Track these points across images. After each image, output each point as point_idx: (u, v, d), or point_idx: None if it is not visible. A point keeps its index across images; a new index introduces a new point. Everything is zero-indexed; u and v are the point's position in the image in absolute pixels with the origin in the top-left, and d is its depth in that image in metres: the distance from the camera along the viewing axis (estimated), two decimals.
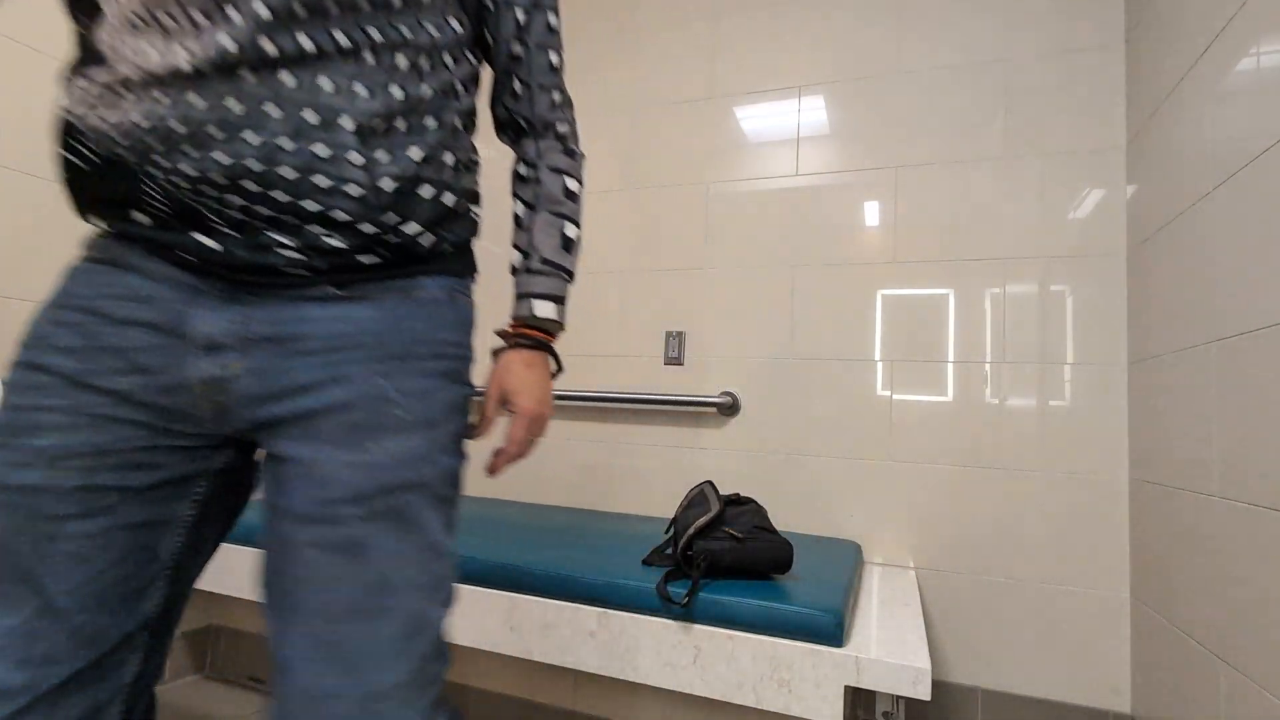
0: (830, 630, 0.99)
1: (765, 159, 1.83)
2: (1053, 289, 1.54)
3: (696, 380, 1.83)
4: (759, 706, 1.00)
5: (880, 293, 1.68)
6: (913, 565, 1.58)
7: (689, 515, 1.19)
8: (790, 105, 1.82)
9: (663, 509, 1.82)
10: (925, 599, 1.57)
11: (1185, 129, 1.21)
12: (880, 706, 1.07)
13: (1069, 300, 1.53)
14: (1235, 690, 0.99)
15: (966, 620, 1.53)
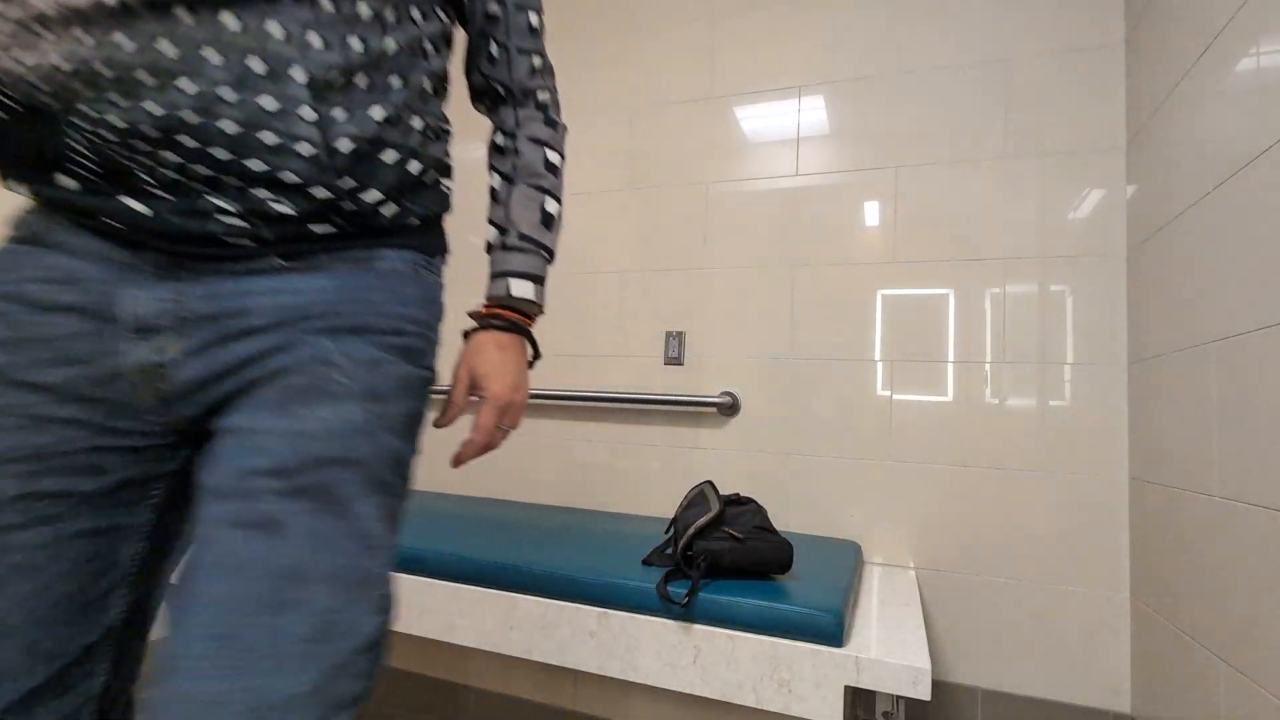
0: (830, 630, 0.99)
1: (765, 159, 1.83)
2: (1053, 289, 1.54)
3: (696, 380, 1.83)
4: (759, 706, 1.00)
5: (880, 293, 1.68)
6: (913, 565, 1.58)
7: (689, 515, 1.19)
8: (790, 105, 1.82)
9: (663, 509, 1.82)
10: (925, 599, 1.56)
11: (1185, 129, 1.21)
12: (880, 706, 1.07)
13: (1069, 300, 1.53)
14: (1235, 690, 0.99)
15: (966, 620, 1.53)
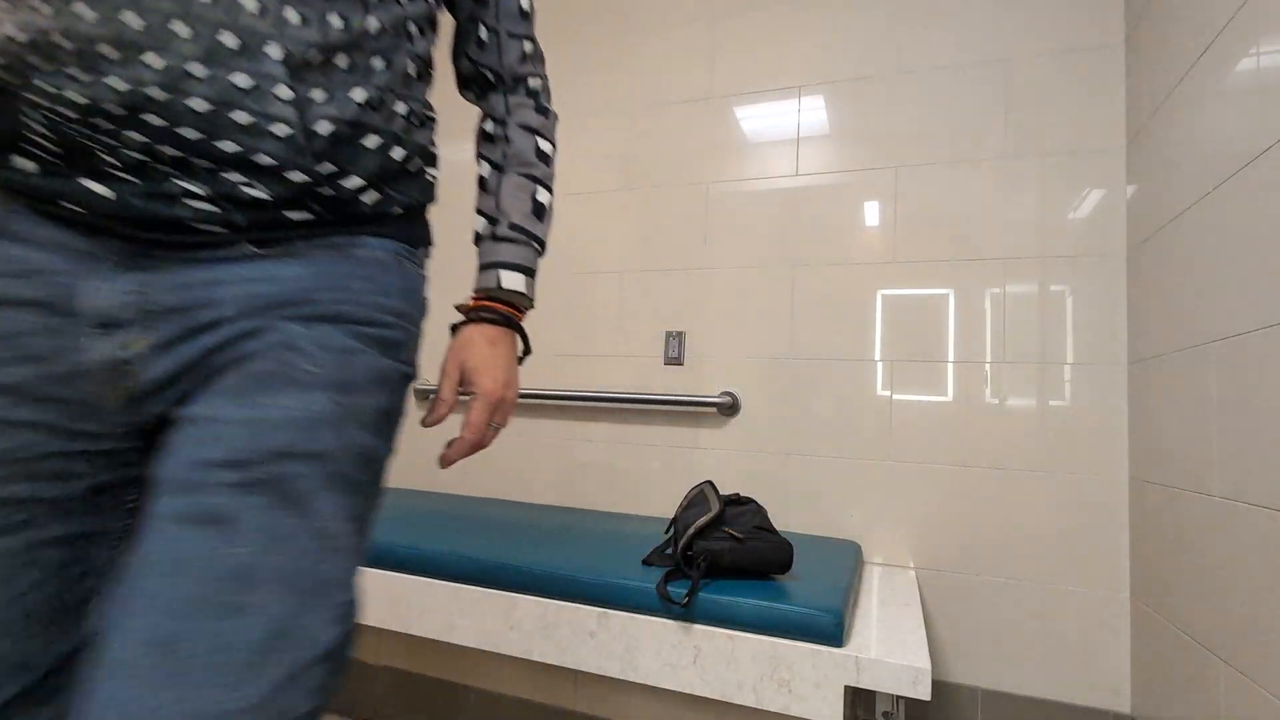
0: (830, 630, 0.99)
1: (765, 159, 1.83)
2: (1053, 289, 1.54)
3: (696, 380, 1.83)
4: (759, 706, 1.00)
5: (880, 293, 1.68)
6: (913, 565, 1.58)
7: (689, 515, 1.19)
8: (790, 105, 1.82)
9: (663, 509, 1.82)
10: (925, 599, 1.56)
11: (1185, 129, 1.21)
12: (880, 706, 1.07)
13: (1069, 300, 1.53)
14: (1235, 690, 0.99)
15: (966, 620, 1.53)
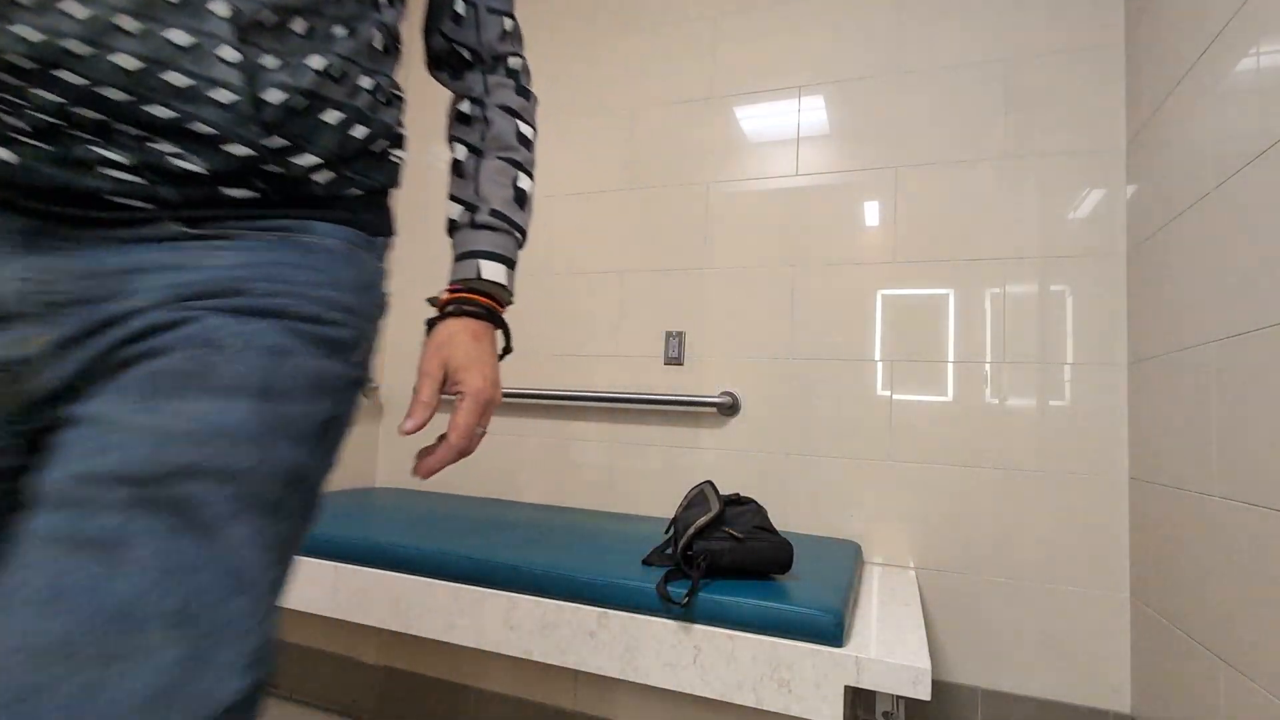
0: (830, 630, 0.99)
1: (765, 159, 1.83)
2: (1053, 289, 1.54)
3: (696, 380, 1.83)
4: (759, 706, 1.00)
5: (880, 293, 1.68)
6: (913, 565, 1.58)
7: (689, 515, 1.19)
8: (790, 105, 1.82)
9: (663, 509, 1.82)
10: (925, 599, 1.56)
11: (1185, 129, 1.21)
12: (880, 706, 1.07)
13: (1069, 300, 1.53)
14: (1235, 690, 0.99)
15: (966, 620, 1.53)
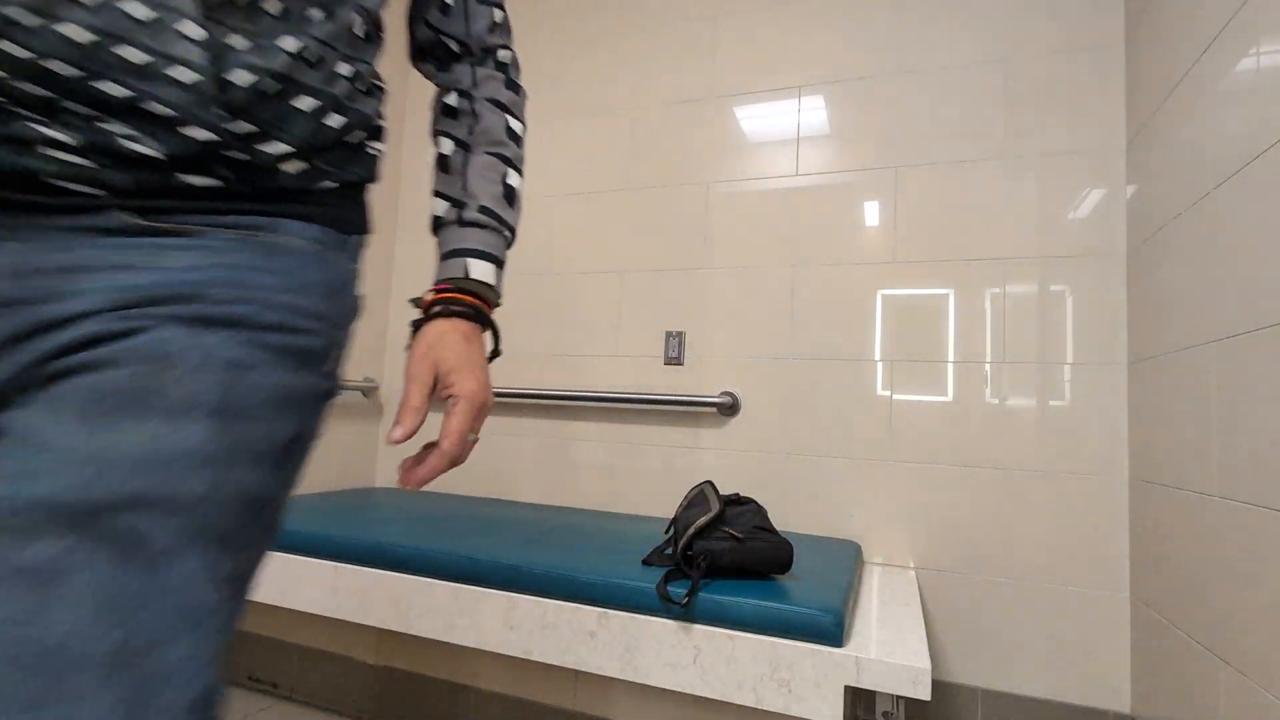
0: (830, 630, 0.99)
1: (765, 159, 1.83)
2: (1053, 289, 1.54)
3: (696, 380, 1.83)
4: (759, 706, 1.00)
5: (880, 293, 1.68)
6: (913, 565, 1.58)
7: (689, 515, 1.19)
8: (790, 105, 1.82)
9: (663, 509, 1.82)
10: (925, 599, 1.56)
11: (1185, 129, 1.21)
12: (880, 706, 1.07)
13: (1069, 300, 1.53)
14: (1235, 690, 0.99)
15: (966, 620, 1.53)
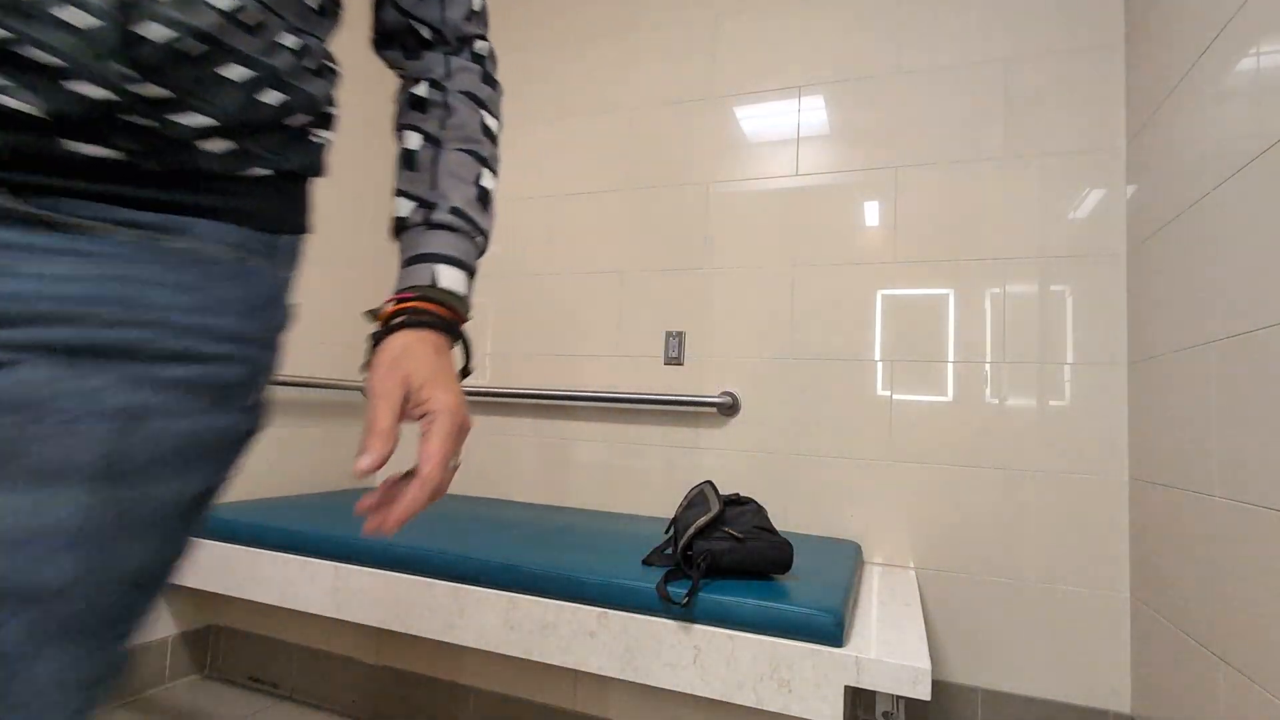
0: (830, 630, 0.99)
1: (765, 159, 1.83)
2: (1053, 289, 1.54)
3: (696, 380, 1.83)
4: (759, 706, 1.00)
5: (880, 293, 1.68)
6: (913, 565, 1.58)
7: (689, 515, 1.19)
8: (790, 105, 1.82)
9: (663, 509, 1.82)
10: (925, 599, 1.56)
11: (1185, 129, 1.21)
12: (880, 706, 1.07)
13: (1069, 300, 1.53)
14: (1235, 690, 0.99)
15: (966, 620, 1.53)
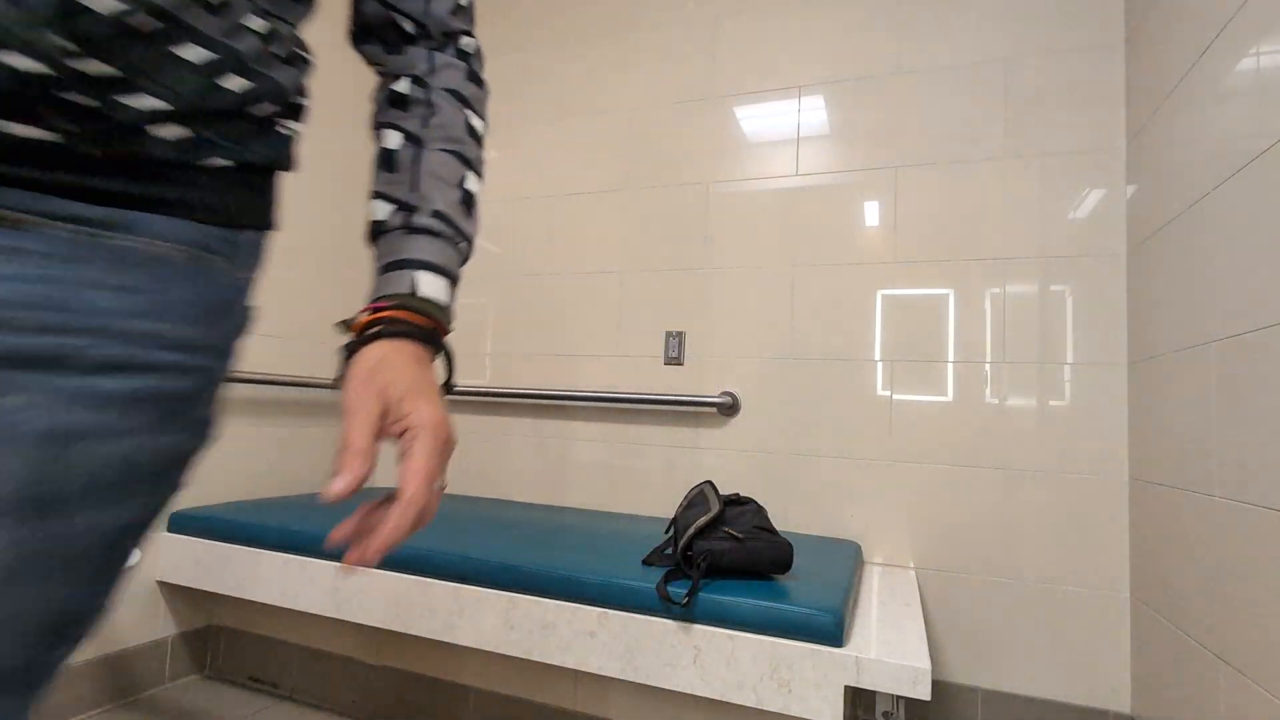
0: (830, 630, 0.99)
1: (765, 159, 1.83)
2: (1053, 289, 1.54)
3: (696, 380, 1.83)
4: (759, 706, 1.00)
5: (880, 293, 1.68)
6: (913, 565, 1.58)
7: (689, 515, 1.19)
8: (790, 105, 1.82)
9: (663, 509, 1.82)
10: (925, 599, 1.56)
11: (1185, 129, 1.21)
12: (880, 706, 1.07)
13: (1069, 300, 1.53)
14: (1235, 690, 0.99)
15: (966, 620, 1.53)
